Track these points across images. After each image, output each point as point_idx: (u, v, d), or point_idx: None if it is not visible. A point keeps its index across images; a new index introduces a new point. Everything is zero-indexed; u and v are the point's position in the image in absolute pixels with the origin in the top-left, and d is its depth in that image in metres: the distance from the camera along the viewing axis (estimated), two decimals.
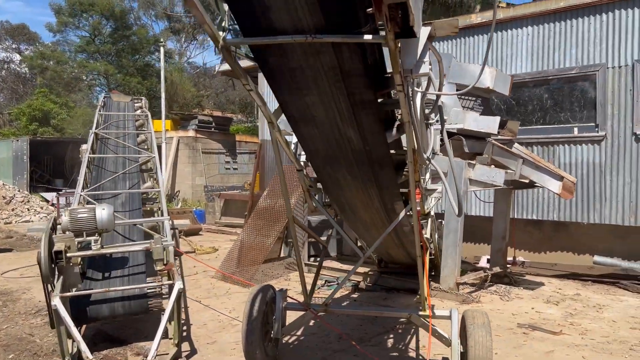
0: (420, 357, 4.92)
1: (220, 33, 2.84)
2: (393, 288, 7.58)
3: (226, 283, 8.01)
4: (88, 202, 6.27)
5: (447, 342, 4.38)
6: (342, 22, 2.69)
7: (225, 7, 2.82)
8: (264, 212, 8.64)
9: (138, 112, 11.42)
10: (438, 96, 3.53)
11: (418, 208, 4.05)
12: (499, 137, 7.48)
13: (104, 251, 4.95)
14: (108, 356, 4.75)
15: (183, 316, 5.58)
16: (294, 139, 4.50)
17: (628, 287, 7.72)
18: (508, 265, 8.41)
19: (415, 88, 3.25)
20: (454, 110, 7.10)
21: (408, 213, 4.62)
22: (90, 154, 7.69)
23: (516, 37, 9.48)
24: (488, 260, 9.12)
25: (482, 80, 7.06)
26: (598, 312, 6.51)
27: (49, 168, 26.60)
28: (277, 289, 4.85)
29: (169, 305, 4.53)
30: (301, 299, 4.83)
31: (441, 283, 7.30)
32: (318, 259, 9.44)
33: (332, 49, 2.88)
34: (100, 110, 10.02)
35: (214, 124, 20.55)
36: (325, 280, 7.98)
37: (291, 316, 5.03)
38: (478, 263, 9.48)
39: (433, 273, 7.84)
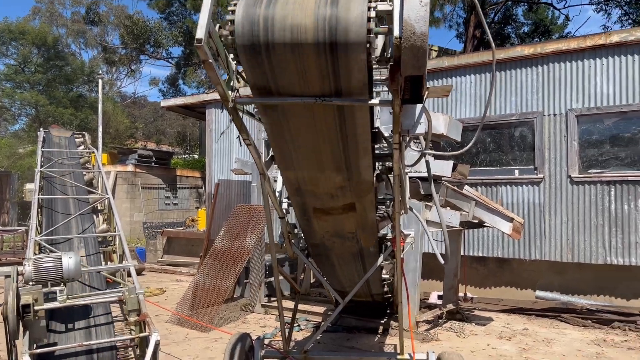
0: None
1: (230, 92, 2.93)
2: (354, 327, 7.67)
3: (183, 327, 7.79)
4: (43, 249, 5.98)
5: None
6: (350, 88, 2.85)
7: (233, 66, 2.91)
8: (221, 253, 8.54)
9: (81, 148, 11.05)
10: (423, 153, 3.74)
11: (402, 255, 4.21)
12: (451, 179, 7.88)
13: (74, 302, 4.73)
14: None
15: None
16: (278, 186, 4.57)
17: (569, 321, 8.24)
18: (459, 302, 8.74)
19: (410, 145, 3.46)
20: (410, 154, 7.42)
21: (383, 260, 4.80)
22: (38, 194, 7.35)
23: (461, 84, 10.11)
24: (439, 297, 9.45)
25: (436, 126, 7.46)
26: (548, 346, 6.90)
27: None
28: (254, 338, 4.83)
29: (146, 358, 4.38)
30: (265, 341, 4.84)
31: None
32: (273, 298, 9.40)
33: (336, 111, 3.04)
34: (42, 147, 9.60)
35: (154, 158, 20.10)
36: (286, 323, 7.92)
37: None
38: (428, 299, 9.77)
39: (388, 311, 8.03)
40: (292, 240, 4.88)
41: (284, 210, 4.53)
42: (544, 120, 9.27)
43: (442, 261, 4.08)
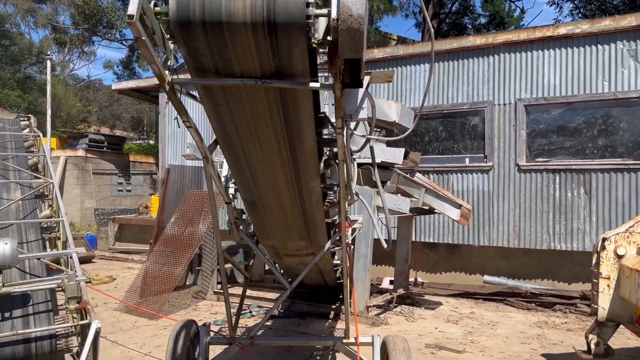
0: None
1: (166, 72, 2.84)
2: (305, 313, 7.70)
3: (131, 315, 7.64)
4: None
5: None
6: (293, 71, 2.81)
7: (172, 46, 2.82)
8: (172, 239, 8.40)
9: (26, 131, 10.63)
10: (368, 139, 3.74)
11: (348, 240, 4.23)
12: (402, 166, 7.98)
13: (10, 290, 4.55)
14: None
15: None
16: (223, 171, 4.50)
17: (514, 304, 8.52)
18: (409, 287, 8.90)
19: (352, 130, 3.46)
20: (359, 140, 7.47)
21: (332, 245, 4.82)
22: None
23: (414, 73, 10.21)
24: (390, 282, 9.60)
25: (388, 114, 7.52)
26: (492, 329, 7.12)
27: None
28: (200, 324, 4.77)
29: (85, 346, 4.27)
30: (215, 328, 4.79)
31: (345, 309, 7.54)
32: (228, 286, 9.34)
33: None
34: None
35: (106, 143, 19.51)
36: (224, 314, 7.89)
37: (214, 350, 4.96)
38: (380, 284, 9.92)
39: (341, 296, 8.10)
40: (240, 227, 4.83)
41: (231, 196, 4.47)
42: (494, 109, 9.48)
43: (385, 245, 4.13)
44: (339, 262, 6.77)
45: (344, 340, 4.69)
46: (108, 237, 15.55)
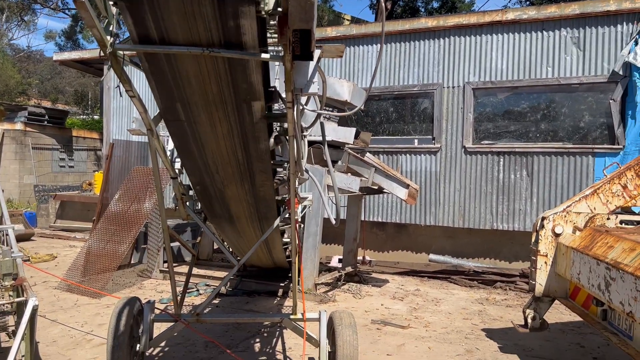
0: (288, 358, 5.10)
1: (108, 38, 2.70)
2: (254, 291, 7.69)
3: (73, 294, 7.40)
4: None
5: (316, 343, 4.61)
6: (241, 41, 2.74)
7: (114, 10, 2.68)
8: (116, 217, 8.15)
9: None
10: (319, 114, 3.72)
11: (296, 217, 4.22)
12: (353, 146, 8.02)
13: None
14: None
15: None
16: (169, 145, 4.37)
17: (457, 282, 8.80)
18: (357, 265, 9.03)
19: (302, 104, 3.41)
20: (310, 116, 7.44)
21: (280, 223, 4.80)
22: None
23: (367, 53, 10.22)
24: (339, 260, 9.70)
25: (340, 93, 7.50)
26: (436, 305, 7.34)
27: None
28: (144, 301, 4.66)
29: (22, 324, 4.09)
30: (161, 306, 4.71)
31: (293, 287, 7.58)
32: (174, 264, 9.18)
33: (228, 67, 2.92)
34: None
35: (47, 116, 18.61)
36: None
37: (158, 328, 4.88)
38: (330, 263, 10.01)
39: (290, 274, 8.12)
40: (187, 203, 4.73)
41: (177, 171, 4.36)
42: (443, 92, 9.64)
43: (333, 222, 4.14)
44: (288, 240, 6.77)
45: (292, 317, 4.70)
46: (49, 214, 14.94)
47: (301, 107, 3.56)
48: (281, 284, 7.81)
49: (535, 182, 9.03)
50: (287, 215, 4.73)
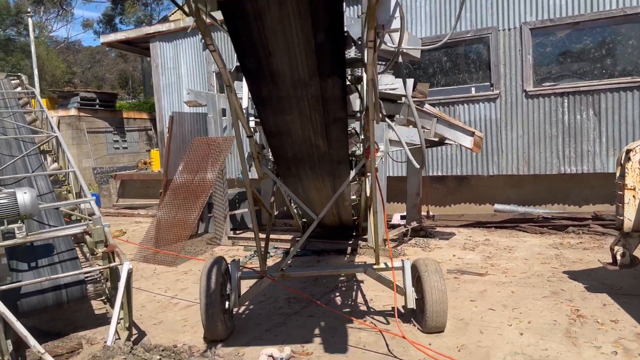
0: (372, 309, 5.13)
1: None
2: (322, 250, 7.74)
3: (149, 264, 7.65)
4: None
5: (401, 291, 4.60)
6: None
7: None
8: (182, 188, 8.31)
9: (18, 89, 10.38)
10: (398, 52, 3.61)
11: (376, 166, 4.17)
12: (412, 98, 7.83)
13: (35, 237, 4.49)
14: (60, 347, 4.39)
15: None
16: (243, 103, 4.36)
17: (527, 229, 8.59)
18: (422, 220, 8.94)
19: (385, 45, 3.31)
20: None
21: (358, 173, 4.75)
22: None
23: (415, 2, 9.88)
24: (402, 217, 9.63)
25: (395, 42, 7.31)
26: (510, 252, 7.20)
27: None
28: (229, 260, 4.75)
29: (120, 287, 4.26)
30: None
31: (368, 241, 7.59)
32: (239, 230, 9.36)
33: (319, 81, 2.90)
34: None
35: (98, 100, 19.09)
36: (254, 251, 7.92)
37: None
38: (391, 221, 9.96)
39: (354, 233, 8.13)
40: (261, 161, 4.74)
41: (252, 129, 4.35)
42: (499, 35, 9.25)
43: (417, 165, 4.06)
44: (353, 197, 6.75)
45: (374, 267, 4.70)
46: (111, 194, 15.47)
47: (379, 43, 3.47)
48: (349, 242, 7.84)
49: (604, 121, 8.62)
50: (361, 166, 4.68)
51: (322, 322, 4.81)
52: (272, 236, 8.58)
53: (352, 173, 4.58)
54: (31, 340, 3.69)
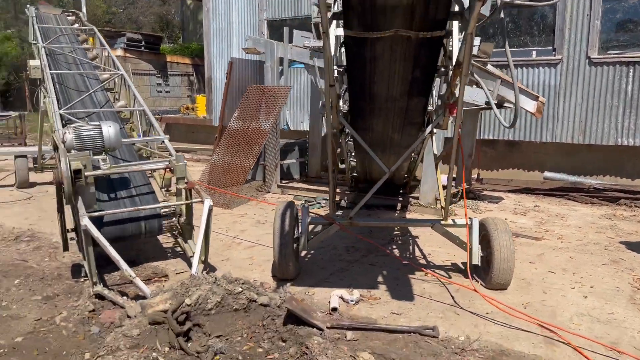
0: (431, 263, 5.26)
1: None
2: (373, 205, 7.85)
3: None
4: (68, 121, 5.81)
5: (465, 248, 4.70)
6: None
7: None
8: (237, 134, 8.45)
9: (75, 26, 10.52)
10: (501, 5, 3.57)
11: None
12: (475, 57, 7.71)
13: (121, 169, 4.70)
14: (155, 272, 4.71)
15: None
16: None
17: (577, 199, 8.54)
18: (471, 182, 8.96)
19: None
20: None
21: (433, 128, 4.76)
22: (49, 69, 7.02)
23: None
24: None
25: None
26: (562, 220, 7.20)
27: None
28: (300, 205, 4.90)
29: (202, 221, 4.47)
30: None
31: (420, 199, 7.67)
32: (284, 181, 9.51)
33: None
34: (36, 23, 9.08)
35: (143, 42, 19.20)
36: (305, 201, 8.09)
37: None
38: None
39: (402, 191, 8.21)
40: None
41: (334, 77, 4.39)
42: None
43: (506, 125, 4.05)
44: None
45: (442, 222, 4.79)
46: None
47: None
48: (399, 199, 7.93)
49: None
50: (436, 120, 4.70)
51: (384, 271, 4.97)
52: (318, 188, 8.73)
53: (429, 128, 4.61)
54: (123, 265, 3.92)
